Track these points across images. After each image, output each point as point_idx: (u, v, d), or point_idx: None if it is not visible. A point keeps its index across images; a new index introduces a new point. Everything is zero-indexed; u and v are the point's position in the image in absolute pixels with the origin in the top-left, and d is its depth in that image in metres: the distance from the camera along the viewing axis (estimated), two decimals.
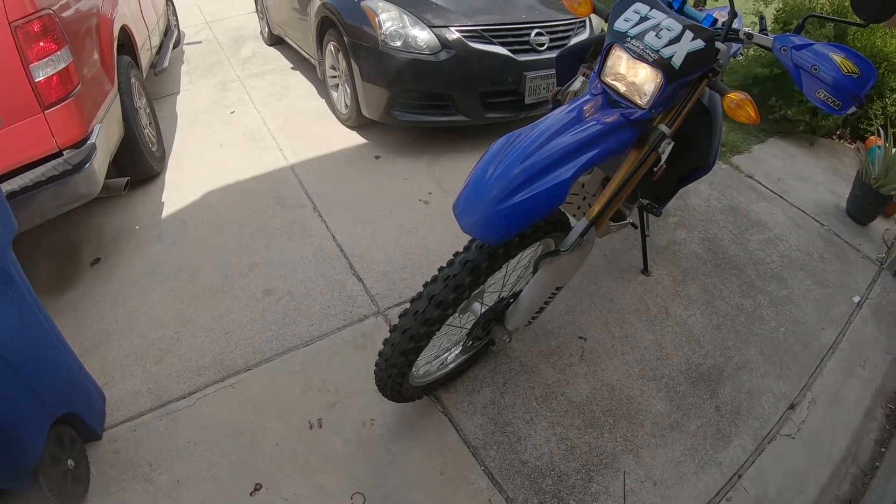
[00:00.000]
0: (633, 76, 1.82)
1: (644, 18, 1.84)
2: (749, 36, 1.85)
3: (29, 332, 1.90)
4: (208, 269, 3.04)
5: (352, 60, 3.87)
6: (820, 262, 3.26)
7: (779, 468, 2.27)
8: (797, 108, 4.26)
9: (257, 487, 2.12)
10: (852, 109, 1.70)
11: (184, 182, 3.80)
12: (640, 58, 1.77)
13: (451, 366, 2.41)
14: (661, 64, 1.73)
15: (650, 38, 1.78)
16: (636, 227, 2.52)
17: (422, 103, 3.78)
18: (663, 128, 1.86)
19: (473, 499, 2.11)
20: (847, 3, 4.46)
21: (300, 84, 5.18)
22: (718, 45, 1.76)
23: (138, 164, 3.57)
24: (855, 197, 3.64)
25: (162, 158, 3.97)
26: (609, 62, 1.87)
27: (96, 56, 3.06)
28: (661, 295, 2.89)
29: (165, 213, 3.52)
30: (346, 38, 3.86)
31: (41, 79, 2.50)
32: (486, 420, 2.36)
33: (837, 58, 1.66)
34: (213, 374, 2.51)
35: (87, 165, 2.65)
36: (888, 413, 2.55)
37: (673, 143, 1.90)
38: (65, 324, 2.69)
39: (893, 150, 3.50)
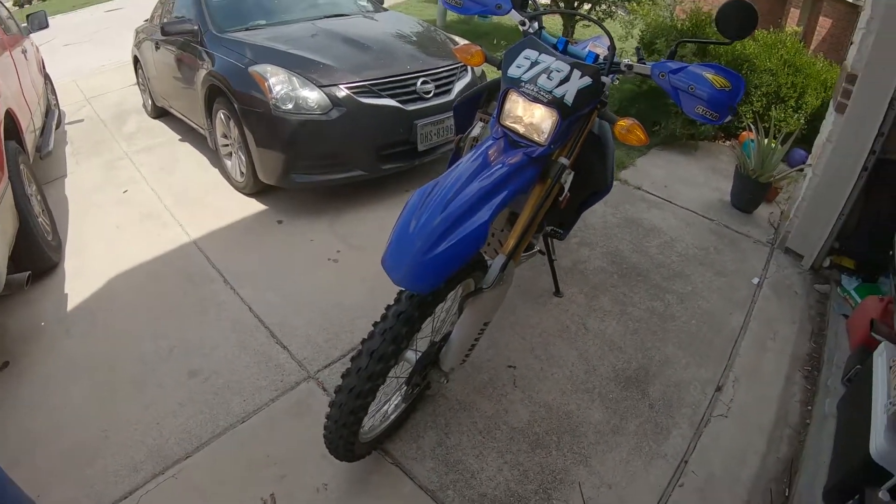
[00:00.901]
0: (531, 117, 1.93)
1: (535, 63, 1.97)
2: (630, 67, 2.01)
3: None
4: (126, 359, 2.83)
5: (244, 127, 3.77)
6: (716, 254, 3.44)
7: (719, 447, 2.31)
8: (680, 124, 4.62)
9: None
10: (728, 118, 1.88)
11: (85, 270, 3.54)
12: (536, 100, 1.90)
13: (393, 416, 2.33)
14: (555, 103, 1.87)
15: (542, 80, 1.91)
16: (543, 254, 2.61)
17: (319, 163, 3.73)
18: (563, 160, 1.99)
19: None
20: (703, 17, 4.90)
21: (191, 155, 5.01)
22: (604, 78, 1.92)
23: (36, 256, 3.32)
24: (737, 189, 3.92)
25: (59, 247, 3.68)
26: (507, 106, 1.98)
27: None
28: (577, 312, 2.94)
29: (71, 304, 3.27)
30: (236, 106, 3.78)
31: None
32: (436, 463, 2.29)
33: (710, 76, 1.83)
34: (151, 467, 2.31)
35: None
36: (805, 375, 2.66)
37: (573, 173, 2.04)
38: None
39: (765, 140, 3.82)
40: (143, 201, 4.31)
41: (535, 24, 2.22)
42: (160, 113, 6.01)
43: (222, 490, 2.22)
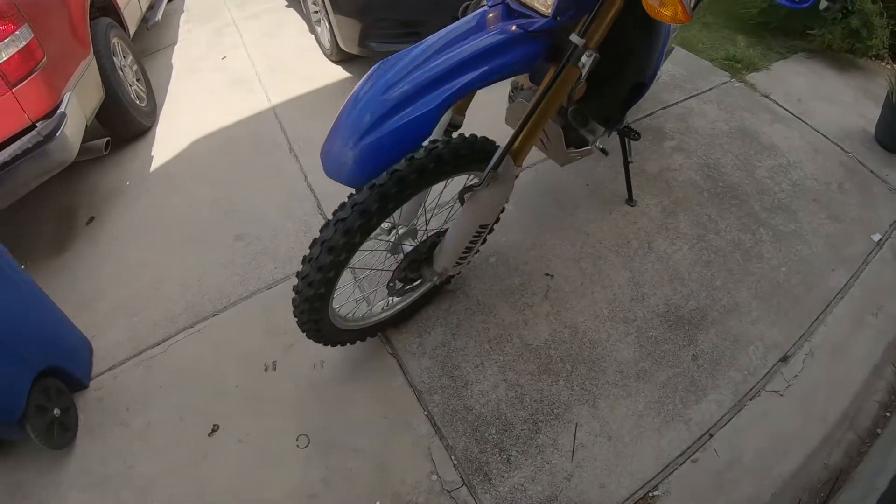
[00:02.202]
0: None
1: None
2: None
3: (6, 300, 1.99)
4: (188, 219, 2.88)
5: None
6: (838, 193, 2.63)
7: (760, 429, 1.86)
8: (840, 33, 3.37)
9: (215, 428, 2.07)
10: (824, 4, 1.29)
11: (173, 134, 3.61)
12: None
13: (394, 307, 2.09)
14: None
15: None
16: (606, 154, 2.15)
17: (396, 31, 3.36)
18: (575, 38, 1.44)
19: (413, 445, 1.90)
20: None
21: (293, 22, 4.73)
22: None
23: (126, 123, 3.47)
24: (885, 121, 2.90)
25: (152, 113, 3.80)
26: None
27: (65, 25, 2.95)
28: (646, 227, 2.42)
29: (154, 166, 3.37)
30: None
31: (2, 60, 2.45)
32: (433, 363, 2.06)
33: None
34: (184, 320, 2.43)
35: (58, 134, 2.61)
36: None
37: (597, 57, 1.48)
38: (61, 283, 2.71)
39: None
40: (238, 67, 4.22)
41: None
42: None
43: (234, 350, 2.27)
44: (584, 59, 1.48)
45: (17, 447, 2.09)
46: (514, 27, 1.48)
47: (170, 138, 3.56)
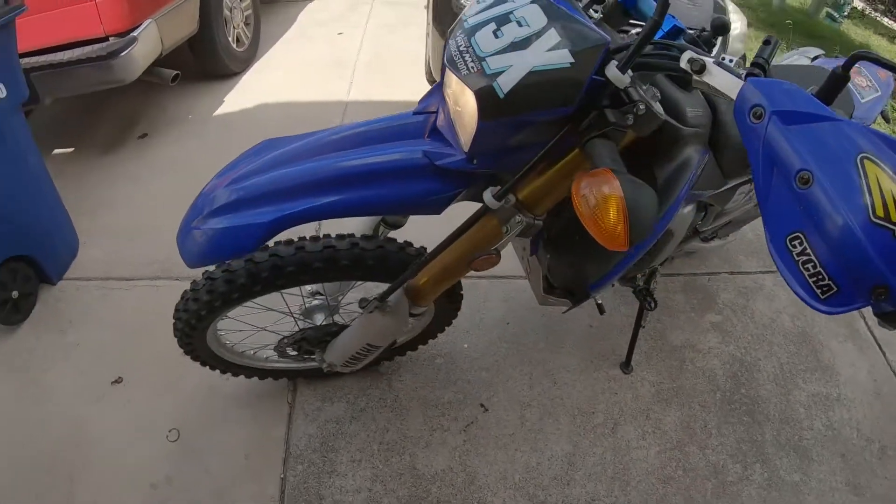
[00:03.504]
0: (460, 95, 1.06)
1: (500, 0, 1.05)
2: (696, 67, 0.93)
3: (8, 188, 2.15)
4: (207, 179, 2.88)
5: (429, 7, 3.29)
6: (876, 458, 1.98)
7: None
8: None
9: (119, 380, 2.12)
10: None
11: (253, 89, 3.65)
12: (453, 65, 1.03)
13: (283, 364, 1.97)
14: (476, 81, 0.98)
15: (483, 35, 1.01)
16: (601, 312, 1.75)
17: None
18: (488, 196, 1.11)
19: (253, 498, 1.81)
20: None
21: (422, 25, 4.43)
22: (612, 70, 0.94)
23: (212, 62, 3.58)
24: None
25: (247, 60, 3.88)
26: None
27: None
28: (624, 405, 2.02)
29: (219, 111, 3.44)
30: None
31: None
32: (318, 434, 1.93)
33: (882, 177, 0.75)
34: (153, 270, 2.48)
35: (123, 54, 2.75)
36: None
37: (534, 224, 1.17)
38: (89, 181, 2.91)
39: None
40: (345, 48, 4.15)
41: None
42: None
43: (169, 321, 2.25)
44: (510, 223, 1.18)
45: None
46: (422, 153, 1.17)
47: (248, 91, 3.64)
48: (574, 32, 0.96)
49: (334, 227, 1.55)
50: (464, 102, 1.05)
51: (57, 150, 3.16)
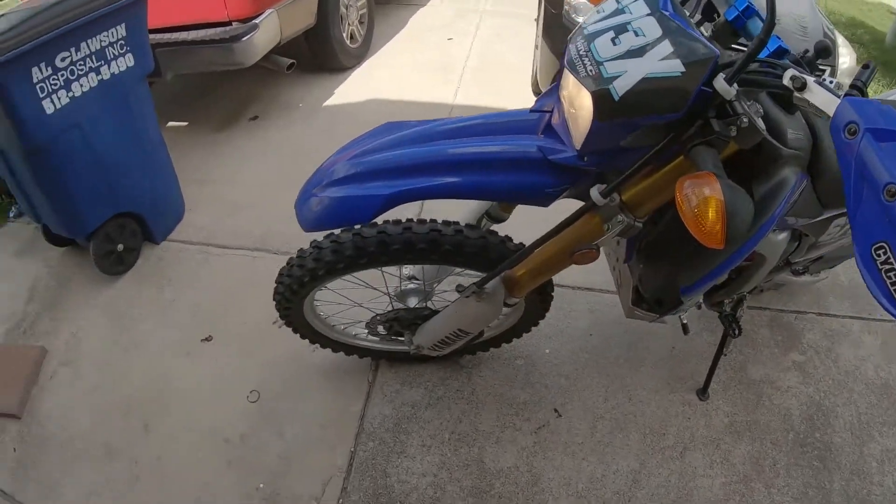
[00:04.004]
0: (576, 97, 1.12)
1: (619, 12, 1.10)
2: (797, 84, 0.96)
3: (126, 148, 2.35)
4: (313, 164, 2.97)
5: (539, 22, 3.35)
6: None
7: None
8: None
9: (209, 338, 2.28)
10: None
11: (363, 84, 3.79)
12: (573, 67, 1.09)
13: (374, 344, 2.06)
14: (593, 83, 1.04)
15: (601, 41, 1.07)
16: (686, 332, 1.75)
17: None
18: (594, 193, 1.17)
19: (322, 467, 1.90)
20: None
21: (530, 36, 4.45)
22: (720, 82, 0.98)
23: (326, 55, 3.73)
24: None
25: (359, 56, 4.03)
26: (564, 70, 1.17)
27: None
28: (695, 431, 2.01)
29: (328, 103, 3.59)
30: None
31: None
32: (393, 415, 2.01)
33: None
34: (251, 242, 2.65)
35: (244, 39, 2.92)
36: None
37: (634, 226, 1.22)
38: (199, 155, 3.14)
39: None
40: (454, 55, 4.23)
41: None
42: None
43: (264, 290, 2.23)
44: (612, 221, 1.23)
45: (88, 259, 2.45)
46: (537, 147, 1.23)
47: (357, 86, 3.78)
48: (686, 44, 1.01)
49: (439, 215, 1.62)
50: (580, 103, 1.11)
51: (171, 123, 3.37)
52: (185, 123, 3.43)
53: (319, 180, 1.34)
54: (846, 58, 2.81)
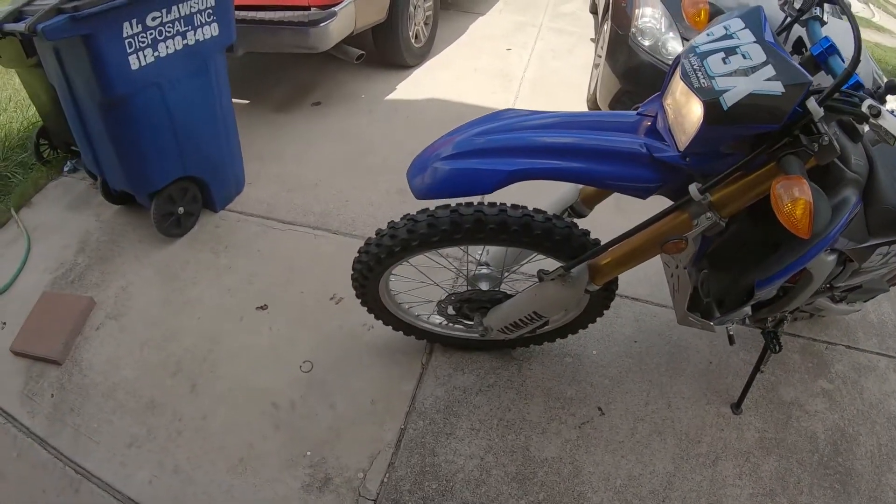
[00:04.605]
0: (682, 105, 1.27)
1: (726, 36, 1.26)
2: (874, 112, 1.13)
3: (200, 113, 2.43)
4: (377, 152, 3.13)
5: (604, 42, 3.47)
6: None
7: None
8: None
9: (264, 307, 2.36)
10: None
11: (424, 83, 3.90)
12: (687, 79, 1.23)
13: (440, 329, 2.15)
14: (706, 94, 1.18)
15: (713, 59, 1.22)
16: (731, 343, 1.86)
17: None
18: (693, 189, 1.30)
19: (371, 440, 1.98)
20: None
21: (585, 55, 4.64)
22: (812, 103, 1.14)
23: (391, 51, 3.84)
24: None
25: (421, 56, 4.14)
26: (672, 80, 1.33)
27: None
28: (728, 443, 2.11)
29: (389, 97, 3.70)
30: (608, 20, 3.45)
31: None
32: (444, 397, 2.10)
33: None
34: (312, 220, 2.75)
35: (321, 25, 3.03)
36: None
37: (719, 224, 1.36)
38: (263, 132, 3.26)
39: None
40: (512, 63, 4.35)
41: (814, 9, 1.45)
42: (594, 9, 5.52)
43: (323, 267, 2.52)
44: (700, 218, 1.36)
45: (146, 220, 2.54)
46: (643, 145, 1.36)
47: (419, 84, 3.89)
48: (787, 70, 1.16)
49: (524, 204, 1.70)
50: (688, 110, 1.25)
51: (235, 100, 3.41)
52: (247, 101, 3.52)
53: (436, 153, 1.44)
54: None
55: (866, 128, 1.22)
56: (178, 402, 2.03)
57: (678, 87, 1.29)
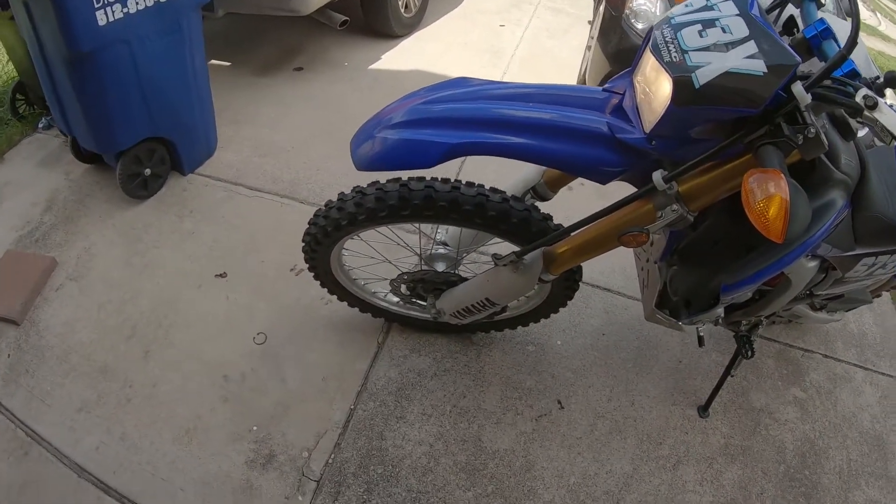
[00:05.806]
0: (653, 81, 1.13)
1: (707, 8, 1.11)
2: (870, 102, 0.98)
3: (170, 73, 2.29)
4: (356, 121, 2.95)
5: (595, 24, 3.37)
6: None
7: None
8: None
9: (223, 275, 2.26)
10: None
11: (411, 54, 3.78)
12: (657, 52, 1.09)
13: (394, 307, 2.05)
14: (676, 69, 1.05)
15: (688, 32, 1.08)
16: (700, 344, 1.74)
17: None
18: (657, 177, 1.16)
19: (318, 418, 1.89)
20: None
21: (581, 36, 4.45)
22: (798, 88, 0.99)
23: (379, 19, 3.70)
24: None
25: (411, 27, 4.02)
26: (644, 55, 1.18)
27: None
28: (691, 447, 2.00)
29: (374, 66, 3.59)
30: (605, 0, 3.29)
31: None
32: (397, 379, 2.00)
33: None
34: (280, 188, 2.63)
35: None
36: None
37: (685, 218, 1.21)
38: (241, 95, 3.12)
39: None
40: (504, 40, 4.23)
41: None
42: None
43: (287, 237, 2.34)
44: (665, 210, 1.21)
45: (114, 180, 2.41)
46: (605, 124, 1.22)
47: (405, 55, 3.77)
48: (771, 48, 1.02)
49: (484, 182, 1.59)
50: (657, 87, 1.12)
51: (214, 61, 3.33)
52: (228, 64, 3.39)
53: (382, 121, 1.32)
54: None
55: (862, 131, 1.08)
56: (130, 368, 1.95)
57: (648, 61, 1.15)
